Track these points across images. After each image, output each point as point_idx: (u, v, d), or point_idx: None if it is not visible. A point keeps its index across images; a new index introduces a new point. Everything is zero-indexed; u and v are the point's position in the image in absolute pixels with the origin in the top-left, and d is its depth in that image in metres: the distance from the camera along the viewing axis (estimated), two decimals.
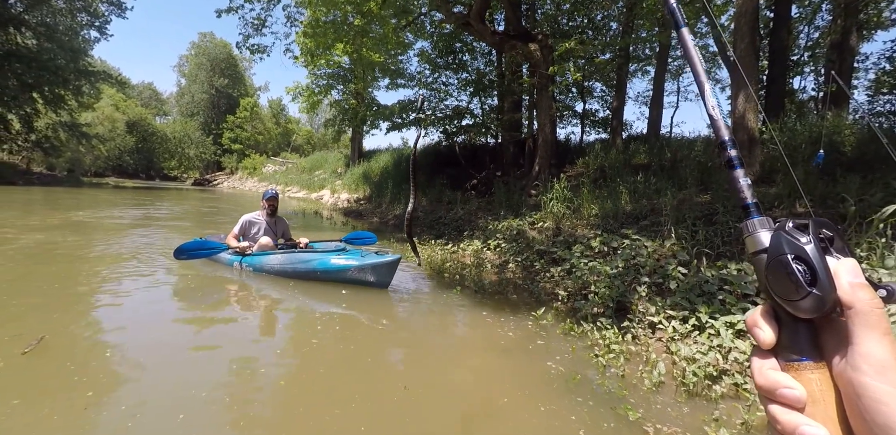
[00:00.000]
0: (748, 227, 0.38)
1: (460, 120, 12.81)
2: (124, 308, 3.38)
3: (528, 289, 4.33)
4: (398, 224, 9.63)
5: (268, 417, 1.94)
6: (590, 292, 3.70)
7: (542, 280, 4.47)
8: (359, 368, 2.45)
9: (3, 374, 2.19)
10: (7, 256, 4.78)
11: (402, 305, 3.88)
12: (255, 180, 31.40)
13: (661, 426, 1.95)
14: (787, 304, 0.33)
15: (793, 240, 0.33)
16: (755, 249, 0.36)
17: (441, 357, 2.77)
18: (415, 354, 2.78)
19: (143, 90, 56.06)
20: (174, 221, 9.84)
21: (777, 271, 0.33)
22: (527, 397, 2.22)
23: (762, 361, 0.35)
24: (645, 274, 3.71)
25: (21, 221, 7.67)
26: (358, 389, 2.21)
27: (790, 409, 0.33)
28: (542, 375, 2.47)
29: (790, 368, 0.34)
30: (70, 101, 24.61)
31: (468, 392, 2.29)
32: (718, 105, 0.43)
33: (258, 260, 4.56)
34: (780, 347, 0.35)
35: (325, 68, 16.56)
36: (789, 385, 0.33)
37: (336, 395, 2.14)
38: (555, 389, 2.31)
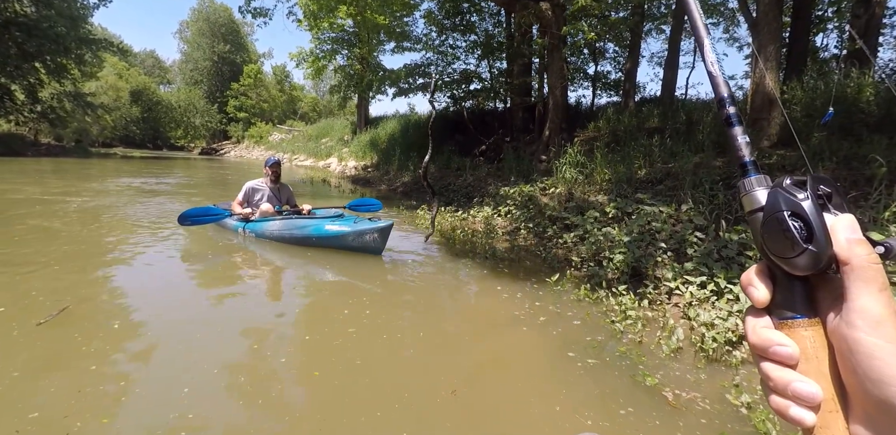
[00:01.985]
0: (745, 185, 0.37)
1: (468, 84, 12.38)
2: (139, 277, 3.40)
3: (541, 255, 4.27)
4: (406, 191, 9.54)
5: (272, 387, 1.94)
6: (604, 258, 3.63)
7: (554, 246, 4.40)
8: (367, 337, 2.43)
9: (13, 344, 2.20)
10: (28, 226, 4.83)
11: (412, 272, 3.84)
12: (262, 149, 31.21)
13: (680, 392, 1.92)
14: (782, 261, 0.33)
15: (789, 196, 0.33)
16: (752, 207, 0.36)
17: (452, 325, 2.74)
18: (424, 321, 2.76)
19: (146, 58, 54.97)
20: (183, 189, 9.90)
21: (773, 229, 0.33)
22: (541, 364, 2.20)
23: (756, 319, 0.35)
24: (661, 240, 3.62)
25: (35, 191, 7.71)
26: (364, 357, 2.20)
27: (783, 366, 0.33)
28: (558, 341, 2.44)
29: (784, 325, 0.34)
30: (73, 70, 24.24)
31: (480, 358, 2.27)
32: (718, 61, 0.42)
33: (259, 226, 4.65)
34: (775, 306, 0.35)
35: (329, 32, 15.99)
36: (782, 342, 0.33)
37: (342, 365, 2.12)
38: (570, 355, 2.28)
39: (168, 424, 1.65)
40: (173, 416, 1.69)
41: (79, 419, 1.65)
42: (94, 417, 1.66)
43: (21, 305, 2.66)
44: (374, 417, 1.71)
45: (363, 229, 4.09)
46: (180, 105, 43.16)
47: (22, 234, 4.49)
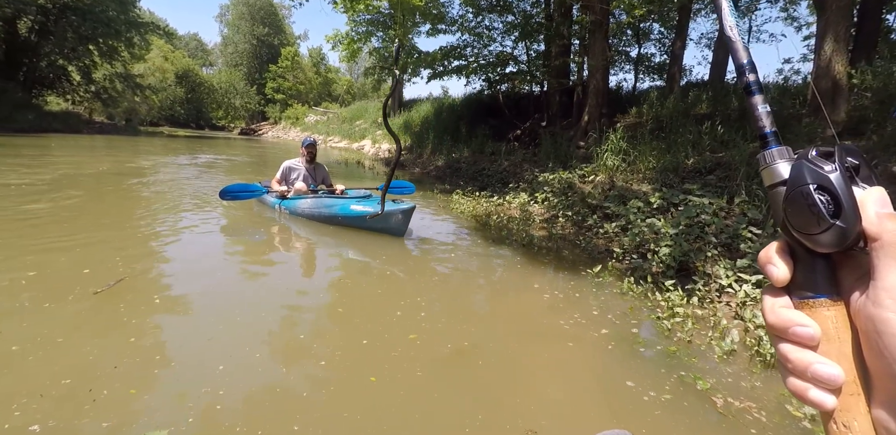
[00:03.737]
0: (765, 157, 0.35)
1: (504, 67, 12.03)
2: (186, 250, 3.56)
3: (580, 245, 4.12)
4: (439, 175, 9.46)
5: (303, 368, 1.92)
6: (648, 251, 3.45)
7: (594, 236, 4.23)
8: (394, 324, 2.38)
9: (65, 310, 2.28)
10: (89, 199, 5.13)
11: (446, 256, 3.78)
12: (298, 130, 31.68)
13: (733, 400, 1.78)
14: (805, 238, 0.31)
15: (815, 169, 0.31)
16: (773, 181, 0.34)
17: (486, 314, 2.67)
18: (457, 310, 2.69)
19: (190, 41, 56.35)
20: (225, 167, 10.29)
21: (797, 203, 0.31)
22: (581, 359, 2.10)
23: (774, 299, 0.33)
24: (711, 233, 3.40)
25: (93, 166, 8.10)
26: (393, 345, 2.14)
27: (802, 347, 0.31)
28: (598, 335, 2.33)
29: (804, 305, 0.32)
30: (123, 52, 25.26)
31: (515, 351, 2.18)
32: (737, 25, 0.39)
33: (293, 203, 4.80)
34: (795, 285, 0.33)
35: (365, 14, 15.84)
36: (802, 322, 0.31)
37: (369, 353, 2.07)
38: (611, 351, 2.17)
39: (197, 398, 1.66)
40: (205, 390, 1.71)
41: (108, 388, 1.68)
42: (123, 387, 1.69)
43: (83, 273, 2.78)
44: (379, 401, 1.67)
45: (386, 211, 4.10)
46: (221, 86, 44.23)
47: (85, 205, 4.79)
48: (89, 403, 1.59)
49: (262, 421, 1.56)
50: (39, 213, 4.32)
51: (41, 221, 4.04)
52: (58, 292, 2.48)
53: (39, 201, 4.81)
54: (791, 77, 11.41)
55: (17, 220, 4.05)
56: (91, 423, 1.50)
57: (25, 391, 1.62)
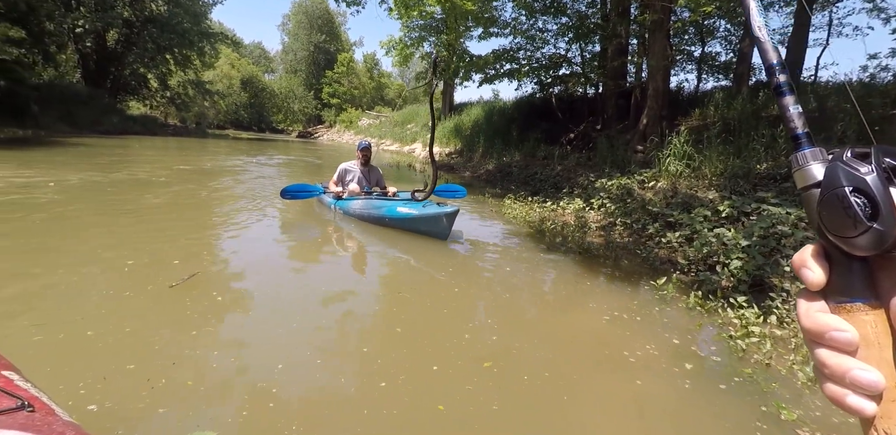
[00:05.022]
0: (798, 159, 0.34)
1: (556, 69, 11.80)
2: (251, 247, 3.80)
3: (641, 254, 3.93)
4: (490, 179, 9.39)
5: (356, 372, 1.93)
6: (717, 263, 3.23)
7: (656, 246, 4.03)
8: (443, 331, 2.34)
9: (142, 301, 2.46)
10: (168, 197, 5.70)
11: (502, 265, 3.73)
12: (352, 133, 32.64)
13: None
14: (842, 241, 0.30)
15: (851, 170, 0.30)
16: (806, 183, 0.34)
17: (538, 324, 2.59)
18: (508, 317, 2.63)
19: (254, 49, 59.63)
20: (285, 168, 10.91)
21: (832, 206, 0.31)
22: (645, 379, 1.98)
23: (809, 303, 0.33)
24: (789, 246, 3.14)
25: (171, 165, 8.79)
26: (466, 372, 2.06)
27: (840, 352, 0.30)
28: (664, 353, 2.19)
29: (841, 309, 0.31)
30: (195, 60, 27.31)
31: (568, 368, 2.08)
32: (766, 25, 0.39)
33: (347, 204, 4.96)
34: (831, 289, 0.32)
35: (418, 20, 16.12)
36: (840, 327, 0.30)
37: (438, 379, 1.98)
38: (679, 372, 2.03)
39: (251, 393, 1.71)
40: (260, 385, 1.76)
41: (166, 377, 1.77)
42: (180, 377, 1.78)
43: (162, 266, 3.01)
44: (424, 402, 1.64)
45: (429, 214, 4.14)
46: (281, 92, 46.52)
47: (170, 202, 5.33)
48: (147, 389, 1.68)
49: (313, 426, 1.56)
50: (138, 207, 4.95)
51: (140, 214, 4.62)
52: (140, 283, 2.68)
53: (138, 196, 5.50)
54: (878, 74, 10.39)
55: (124, 212, 4.64)
56: (146, 408, 1.59)
57: (92, 373, 1.74)
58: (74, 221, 4.21)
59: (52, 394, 0.97)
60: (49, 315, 2.22)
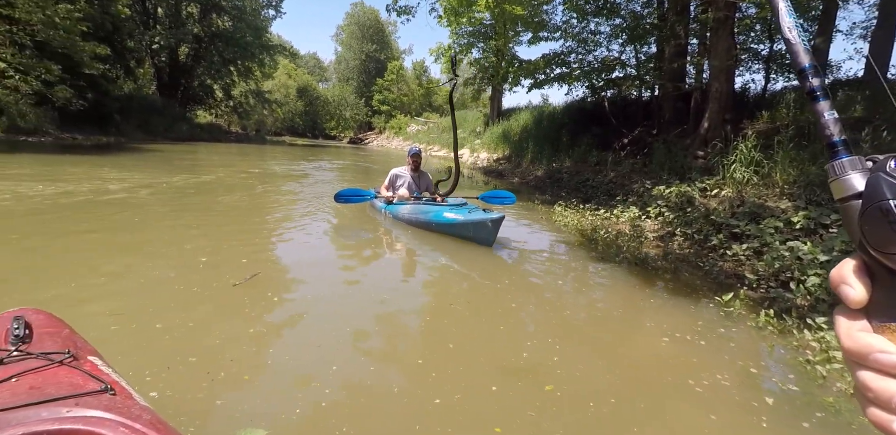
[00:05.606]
0: (835, 169, 0.33)
1: (609, 72, 11.46)
2: (309, 251, 3.95)
3: (703, 267, 3.71)
4: (539, 185, 9.25)
5: (419, 397, 1.91)
6: (791, 280, 2.99)
7: (720, 258, 3.79)
8: (501, 349, 2.25)
9: (208, 297, 2.62)
10: (240, 198, 6.29)
11: (551, 273, 3.64)
12: (400, 139, 33.26)
13: None
14: (886, 257, 0.29)
15: (895, 182, 0.29)
16: (844, 194, 0.32)
17: (598, 344, 2.47)
18: (568, 336, 2.53)
19: (309, 60, 62.36)
20: (337, 172, 11.41)
21: (875, 220, 0.29)
22: (719, 413, 1.82)
23: (850, 322, 0.31)
24: None
25: (237, 169, 9.46)
26: (497, 374, 2.02)
27: (885, 375, 0.29)
28: (734, 384, 2.02)
29: (885, 329, 0.29)
30: (256, 71, 29.05)
31: (634, 395, 1.94)
32: (797, 26, 0.37)
33: (396, 209, 5.07)
34: (873, 307, 0.30)
35: (467, 26, 16.25)
36: (884, 349, 0.28)
37: (473, 379, 1.97)
38: (755, 407, 1.86)
39: (304, 392, 1.75)
40: (314, 385, 1.80)
41: (225, 371, 1.86)
42: (238, 372, 1.86)
43: (230, 264, 3.23)
44: None
45: (475, 220, 4.13)
46: (334, 99, 48.36)
47: (235, 204, 5.83)
48: (207, 381, 1.77)
49: (364, 432, 1.56)
50: (214, 207, 5.52)
51: (216, 214, 5.15)
52: (208, 280, 2.87)
53: (213, 197, 6.11)
54: None
55: (202, 212, 5.16)
56: (204, 399, 1.67)
57: (157, 363, 1.86)
58: (159, 219, 4.69)
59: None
60: (126, 306, 2.42)
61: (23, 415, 0.80)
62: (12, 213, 4.39)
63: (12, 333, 1.10)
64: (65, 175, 6.94)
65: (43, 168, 7.71)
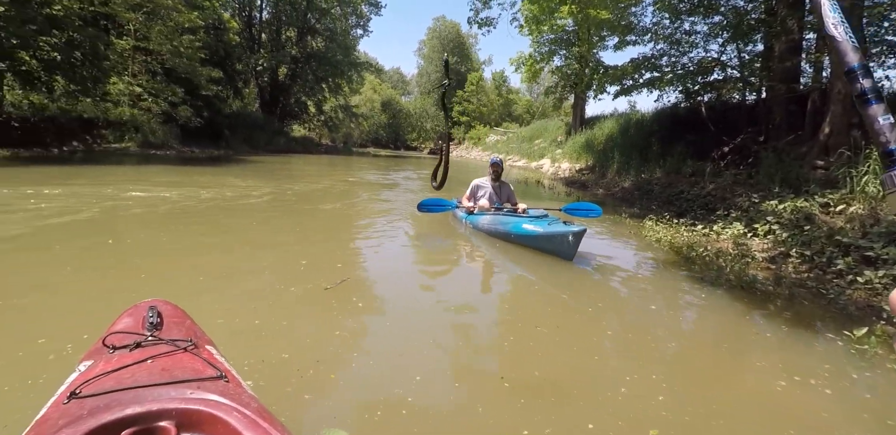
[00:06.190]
0: (893, 180, 0.32)
1: (706, 75, 10.59)
2: (395, 258, 4.12)
3: (826, 295, 3.24)
4: (626, 198, 8.75)
5: (505, 426, 1.85)
6: None
7: (848, 286, 3.28)
8: (596, 381, 2.06)
9: (302, 299, 2.81)
10: (337, 205, 6.87)
11: (643, 294, 3.37)
12: (479, 150, 33.49)
13: None
14: None
15: None
16: None
17: (699, 379, 2.19)
18: (672, 371, 2.28)
19: (393, 74, 65.43)
20: (422, 182, 12.01)
21: None
22: None
23: None
24: None
25: (331, 178, 10.38)
26: (593, 410, 1.85)
27: None
28: (871, 432, 1.73)
29: None
30: (344, 87, 31.20)
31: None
32: (842, 22, 0.34)
33: (476, 219, 5.08)
34: None
35: (548, 34, 16.02)
36: None
37: (566, 414, 1.85)
38: None
39: (387, 397, 1.79)
40: (397, 391, 1.83)
41: (314, 369, 1.96)
42: (325, 371, 1.96)
43: (326, 268, 3.45)
44: None
45: (555, 232, 4.00)
46: (416, 112, 50.17)
47: (333, 211, 6.35)
48: (296, 377, 1.88)
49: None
50: (315, 213, 6.12)
51: (317, 219, 5.72)
52: (305, 282, 3.08)
53: (314, 204, 6.78)
54: None
55: (305, 217, 5.81)
56: (292, 393, 1.77)
57: (254, 355, 2.01)
58: (269, 222, 5.19)
59: None
60: (233, 301, 2.67)
61: (157, 393, 0.91)
62: (152, 214, 5.16)
63: (148, 320, 1.27)
64: (189, 183, 8.03)
65: (171, 177, 8.95)
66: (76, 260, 3.37)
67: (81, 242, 3.92)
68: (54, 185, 6.44)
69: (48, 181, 6.89)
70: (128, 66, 15.70)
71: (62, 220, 4.51)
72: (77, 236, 4.07)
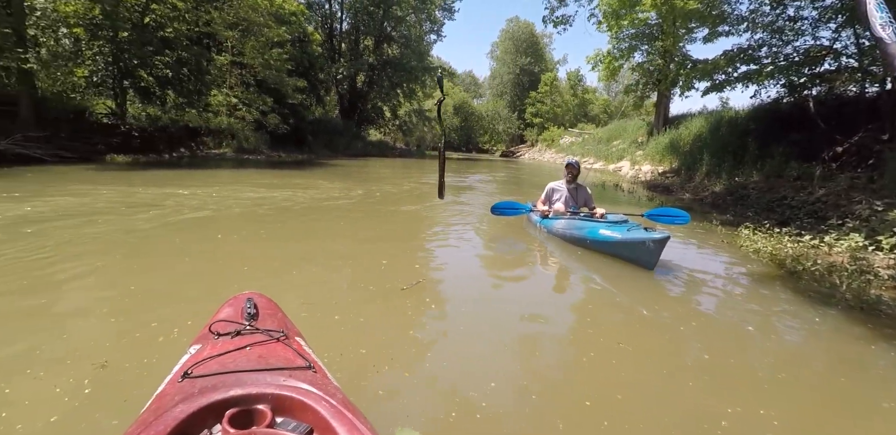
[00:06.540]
0: None
1: (815, 65, 9.43)
2: (467, 261, 4.16)
3: None
4: (717, 203, 8.04)
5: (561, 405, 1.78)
6: None
7: None
8: (692, 411, 1.86)
9: (379, 297, 2.93)
10: (415, 207, 7.24)
11: (742, 312, 3.03)
12: (553, 152, 32.72)
13: None
14: None
15: None
16: None
17: (817, 420, 1.87)
18: (770, 401, 2.01)
19: (465, 78, 65.94)
20: (497, 185, 12.02)
21: None
22: None
23: None
24: None
25: (407, 181, 11.02)
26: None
27: None
28: None
29: None
30: (418, 92, 32.04)
31: None
32: (891, 22, 0.30)
33: (551, 223, 4.94)
34: None
35: (629, 29, 15.25)
36: None
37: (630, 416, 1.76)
38: None
39: (461, 399, 1.79)
40: (472, 395, 1.83)
41: (387, 366, 2.03)
42: (399, 368, 2.03)
43: (405, 268, 3.60)
44: None
45: (634, 239, 3.74)
46: (488, 114, 50.13)
47: (412, 213, 6.75)
48: (372, 372, 1.96)
49: None
50: (396, 213, 6.51)
51: (399, 220, 6.04)
52: (383, 281, 3.21)
53: (395, 206, 7.24)
54: None
55: (388, 217, 6.16)
56: (368, 387, 1.85)
57: (334, 349, 2.09)
58: (358, 223, 5.59)
59: None
60: (316, 297, 2.84)
61: (255, 378, 1.00)
62: (253, 213, 5.72)
63: (246, 310, 1.39)
64: (284, 185, 8.78)
65: (267, 180, 9.81)
66: (189, 252, 3.83)
67: (196, 235, 4.47)
68: (177, 186, 7.45)
69: (169, 183, 7.98)
70: (226, 79, 17.35)
71: (184, 216, 5.18)
72: (194, 230, 4.66)
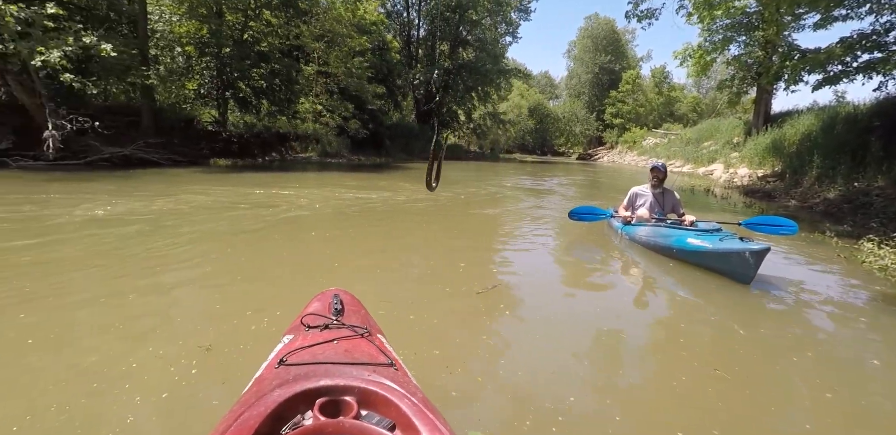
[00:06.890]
0: None
1: None
2: (544, 268, 4.11)
3: None
4: (830, 212, 7.11)
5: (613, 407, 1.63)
6: None
7: None
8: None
9: (454, 299, 2.97)
10: (496, 210, 7.27)
11: (860, 337, 2.66)
12: (634, 154, 31.05)
13: None
14: None
15: None
16: None
17: None
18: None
19: (541, 79, 64.65)
20: (576, 189, 11.86)
21: None
22: None
23: None
24: None
25: (483, 185, 11.01)
26: None
27: None
28: None
29: None
30: (493, 95, 32.05)
31: None
32: None
33: (633, 230, 4.69)
34: None
35: (723, 19, 14.02)
36: None
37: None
38: None
39: (535, 410, 1.76)
40: (547, 406, 1.79)
41: (462, 368, 2.06)
42: (473, 372, 2.05)
43: (482, 271, 3.66)
44: None
45: (728, 249, 3.38)
46: (564, 116, 48.66)
47: (493, 216, 6.78)
48: (446, 373, 1.99)
49: None
50: (477, 216, 6.66)
51: (479, 222, 6.19)
52: (460, 283, 3.27)
53: (478, 209, 7.28)
54: None
55: (469, 220, 6.31)
56: (441, 388, 1.85)
57: (408, 348, 2.12)
58: (440, 224, 5.80)
59: None
60: (394, 296, 2.92)
61: (342, 370, 1.05)
62: (343, 214, 6.06)
63: (333, 306, 1.46)
64: (369, 187, 9.29)
65: (352, 181, 10.41)
66: (287, 248, 4.20)
67: (292, 233, 4.85)
68: (280, 187, 8.28)
69: (269, 184, 8.82)
70: (312, 88, 18.61)
71: (283, 216, 5.68)
72: (290, 229, 5.05)
